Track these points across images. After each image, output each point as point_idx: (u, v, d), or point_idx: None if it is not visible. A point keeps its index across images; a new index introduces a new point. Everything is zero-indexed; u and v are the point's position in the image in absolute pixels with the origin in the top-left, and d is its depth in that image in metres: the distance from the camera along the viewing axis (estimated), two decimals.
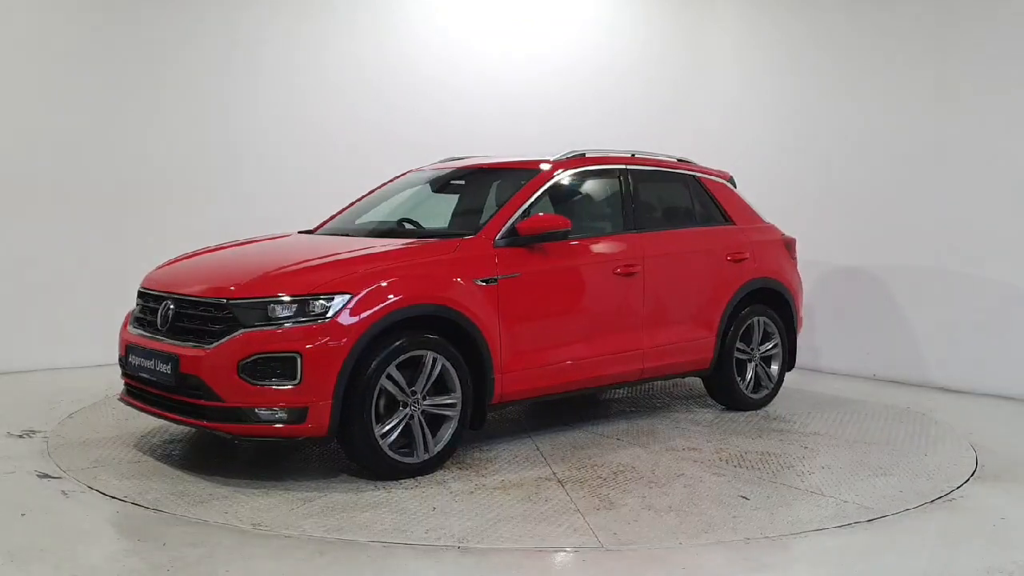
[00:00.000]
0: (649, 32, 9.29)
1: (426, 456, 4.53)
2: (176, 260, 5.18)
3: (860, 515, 4.08)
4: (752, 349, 6.14)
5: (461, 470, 4.67)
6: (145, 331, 4.73)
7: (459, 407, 4.62)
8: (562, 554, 3.64)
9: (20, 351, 6.91)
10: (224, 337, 4.25)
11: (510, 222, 5.00)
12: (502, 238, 4.93)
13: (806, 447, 5.26)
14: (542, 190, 5.25)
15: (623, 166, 5.73)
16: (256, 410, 4.19)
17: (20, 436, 5.13)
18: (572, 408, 6.12)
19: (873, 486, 4.52)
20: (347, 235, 5.44)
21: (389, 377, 4.37)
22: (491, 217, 5.06)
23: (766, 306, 6.19)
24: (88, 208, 7.12)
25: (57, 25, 7.00)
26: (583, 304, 5.25)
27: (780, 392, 6.44)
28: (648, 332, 5.51)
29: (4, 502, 4.08)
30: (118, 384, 5.04)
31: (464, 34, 8.50)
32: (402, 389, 4.43)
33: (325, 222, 5.94)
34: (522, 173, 5.38)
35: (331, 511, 4.02)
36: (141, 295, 4.91)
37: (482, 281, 4.76)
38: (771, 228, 6.44)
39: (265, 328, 4.23)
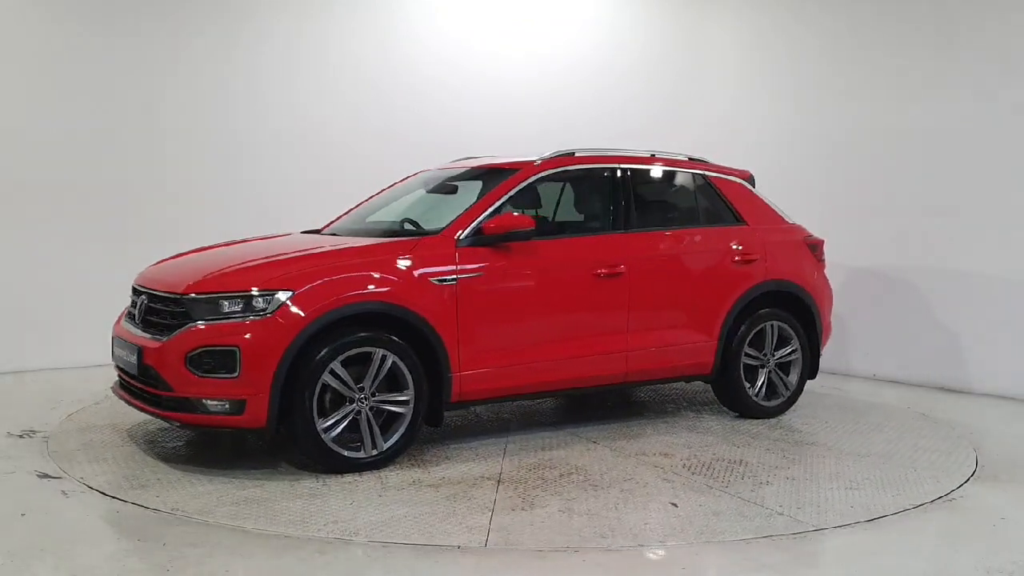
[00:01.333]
0: (649, 32, 9.29)
1: (374, 452, 4.56)
2: (170, 258, 5.28)
3: (788, 528, 3.92)
4: (765, 354, 5.87)
5: (411, 465, 4.69)
6: (128, 324, 4.89)
7: (412, 404, 4.63)
8: (431, 552, 3.59)
9: (20, 351, 6.91)
10: (178, 330, 4.41)
11: (476, 221, 4.96)
12: (466, 237, 4.90)
13: (788, 457, 5.02)
14: (516, 190, 5.18)
15: (617, 165, 5.58)
16: (203, 400, 4.35)
17: (20, 436, 5.14)
18: (570, 409, 6.11)
19: (828, 500, 4.29)
20: (336, 235, 5.46)
21: (332, 372, 4.42)
22: (457, 216, 5.02)
23: (782, 310, 5.89)
24: (89, 209, 7.12)
25: (58, 26, 6.99)
26: (554, 304, 5.13)
27: (805, 399, 6.16)
28: (633, 334, 5.35)
29: (4, 502, 4.09)
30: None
31: (464, 34, 8.49)
32: (348, 385, 4.46)
33: (331, 222, 5.94)
34: (511, 173, 5.31)
35: (254, 501, 4.10)
36: (132, 290, 5.08)
37: (439, 280, 4.76)
38: (793, 228, 6.13)
39: (212, 322, 4.37)
